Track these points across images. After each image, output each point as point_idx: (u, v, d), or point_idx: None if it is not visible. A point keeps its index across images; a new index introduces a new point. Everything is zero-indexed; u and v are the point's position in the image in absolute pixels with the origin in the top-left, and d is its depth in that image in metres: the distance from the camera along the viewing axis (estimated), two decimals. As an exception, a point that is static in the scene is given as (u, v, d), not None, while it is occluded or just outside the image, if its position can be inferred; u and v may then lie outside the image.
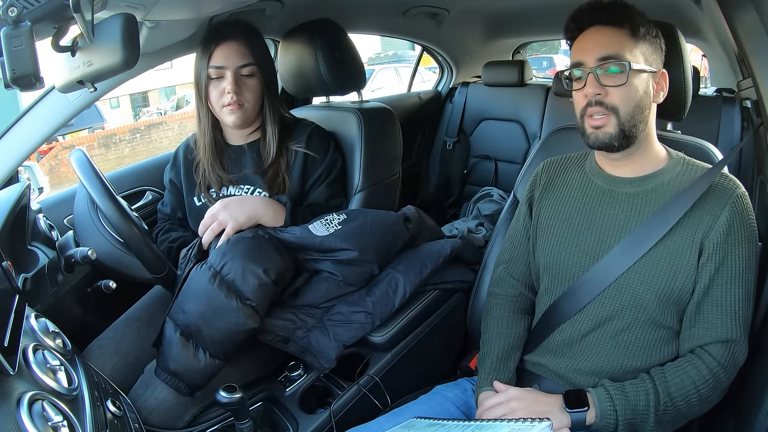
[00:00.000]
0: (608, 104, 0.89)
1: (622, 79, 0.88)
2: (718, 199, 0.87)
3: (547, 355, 0.98)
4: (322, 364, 1.11)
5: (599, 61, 0.88)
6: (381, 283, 1.19)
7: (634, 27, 0.89)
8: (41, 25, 0.73)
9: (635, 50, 0.89)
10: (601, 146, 0.91)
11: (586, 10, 0.92)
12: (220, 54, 1.22)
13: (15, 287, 0.81)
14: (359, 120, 1.39)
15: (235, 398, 0.92)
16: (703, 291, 0.87)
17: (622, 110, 0.89)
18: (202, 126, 1.30)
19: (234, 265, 1.04)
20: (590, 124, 0.91)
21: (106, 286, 1.16)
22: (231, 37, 1.23)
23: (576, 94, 0.93)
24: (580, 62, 0.91)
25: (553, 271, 0.99)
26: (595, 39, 0.91)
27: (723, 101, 1.78)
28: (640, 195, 0.93)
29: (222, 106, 1.24)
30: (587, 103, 0.90)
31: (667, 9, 1.67)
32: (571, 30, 0.95)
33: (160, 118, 11.93)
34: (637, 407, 0.84)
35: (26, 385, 0.67)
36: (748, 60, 0.93)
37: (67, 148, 8.33)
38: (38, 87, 0.71)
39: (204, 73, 1.23)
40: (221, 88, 1.23)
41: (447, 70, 2.66)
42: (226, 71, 1.22)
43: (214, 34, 1.24)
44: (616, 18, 0.89)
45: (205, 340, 1.04)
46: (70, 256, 1.08)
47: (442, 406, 1.00)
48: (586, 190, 0.99)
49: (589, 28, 0.92)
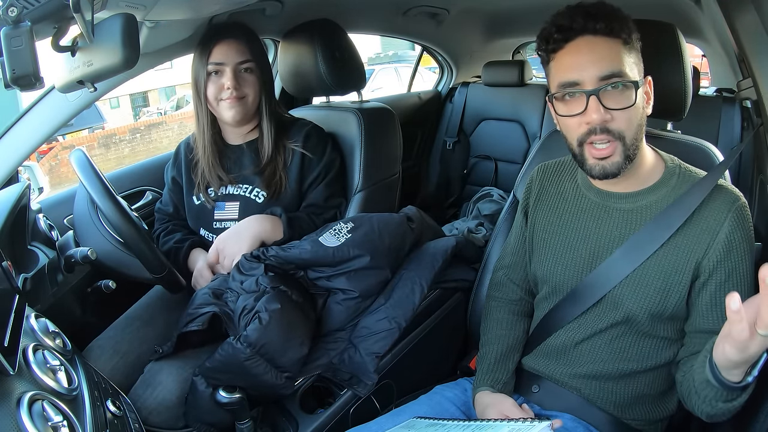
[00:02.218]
0: (615, 131, 0.79)
1: (629, 100, 0.78)
2: (716, 216, 0.82)
3: (544, 359, 0.98)
4: (366, 383, 1.08)
5: (601, 81, 0.78)
6: (397, 286, 1.17)
7: (628, 37, 0.80)
8: (41, 25, 0.73)
9: (630, 61, 0.80)
10: (607, 177, 0.82)
11: (578, 16, 0.79)
12: (219, 51, 1.23)
13: (15, 287, 0.81)
14: (359, 120, 1.39)
15: (235, 398, 0.92)
16: (709, 306, 0.83)
17: (628, 135, 0.79)
18: (201, 125, 1.30)
19: (272, 347, 0.99)
20: (593, 154, 0.81)
21: (106, 286, 1.16)
22: (230, 36, 1.24)
23: (572, 120, 0.81)
24: (574, 81, 0.79)
25: (550, 283, 0.98)
26: (591, 53, 0.78)
27: (723, 101, 1.78)
28: (635, 211, 0.89)
29: (220, 101, 1.24)
30: (589, 130, 0.80)
31: (667, 9, 1.68)
32: (555, 41, 0.81)
33: (160, 118, 11.93)
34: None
35: (26, 385, 0.67)
36: (748, 60, 0.93)
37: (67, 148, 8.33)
38: (38, 87, 0.71)
39: (203, 72, 1.24)
40: (220, 83, 1.24)
41: (447, 70, 2.66)
42: (225, 67, 1.23)
43: (214, 33, 1.25)
44: (615, 27, 0.78)
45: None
46: (70, 256, 1.08)
47: (442, 406, 1.00)
48: (579, 203, 0.96)
49: (577, 38, 0.79)
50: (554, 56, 0.83)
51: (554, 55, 0.83)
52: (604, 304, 0.90)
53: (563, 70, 0.81)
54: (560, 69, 0.82)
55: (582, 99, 0.79)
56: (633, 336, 0.90)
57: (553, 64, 0.83)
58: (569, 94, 0.81)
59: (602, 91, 0.78)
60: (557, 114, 0.85)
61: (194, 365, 1.12)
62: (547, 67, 0.85)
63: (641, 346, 0.89)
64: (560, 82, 0.82)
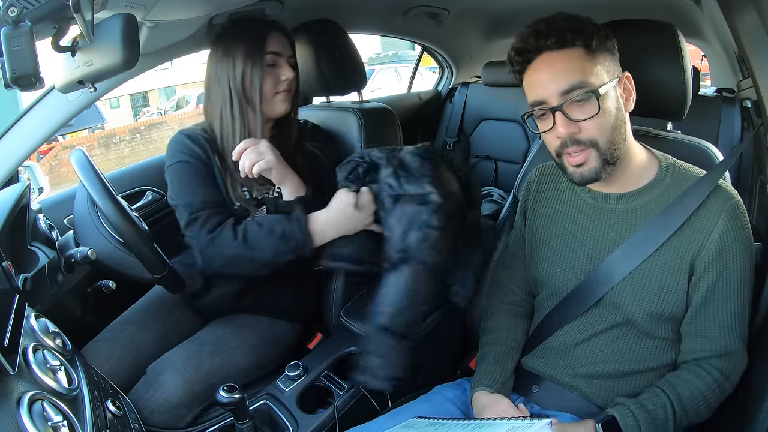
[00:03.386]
0: (585, 140, 0.81)
1: (594, 109, 0.79)
2: (709, 215, 0.83)
3: (544, 359, 0.98)
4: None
5: (563, 96, 0.80)
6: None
7: (588, 41, 0.80)
8: (41, 25, 0.73)
9: (595, 67, 0.80)
10: (588, 182, 0.85)
11: (530, 38, 0.81)
12: (274, 42, 1.18)
13: (15, 287, 0.81)
14: (359, 120, 1.39)
15: (235, 398, 0.92)
16: (699, 306, 0.85)
17: (601, 141, 0.82)
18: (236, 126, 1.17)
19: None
20: (570, 162, 0.84)
21: (106, 286, 1.16)
22: (276, 28, 1.20)
23: (546, 135, 0.85)
24: (540, 101, 0.82)
25: (549, 285, 0.99)
26: (549, 69, 0.81)
27: (723, 101, 1.77)
28: (630, 211, 0.90)
29: (276, 94, 1.18)
30: (562, 143, 0.83)
31: (667, 9, 1.67)
32: (518, 62, 0.85)
33: (160, 118, 11.95)
34: (656, 420, 0.82)
35: (26, 385, 0.67)
36: (748, 60, 0.93)
37: (67, 148, 8.34)
38: (38, 87, 0.71)
39: (258, 66, 1.15)
40: (275, 75, 1.17)
41: (447, 70, 2.66)
42: (281, 59, 1.18)
43: (260, 26, 1.19)
44: (568, 39, 0.80)
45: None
46: (70, 256, 1.08)
47: (442, 406, 1.00)
48: (576, 205, 0.96)
49: (537, 57, 0.82)
50: (522, 77, 0.87)
51: (521, 77, 0.87)
52: (603, 305, 0.91)
53: (530, 89, 0.85)
54: (528, 89, 0.85)
55: (550, 115, 0.82)
56: (633, 337, 0.90)
57: (524, 84, 0.87)
58: (539, 112, 0.84)
59: (566, 105, 0.80)
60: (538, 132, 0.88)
61: (196, 366, 1.12)
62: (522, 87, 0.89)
63: (642, 347, 0.90)
64: (530, 102, 0.85)
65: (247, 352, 1.20)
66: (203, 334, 1.22)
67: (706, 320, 0.85)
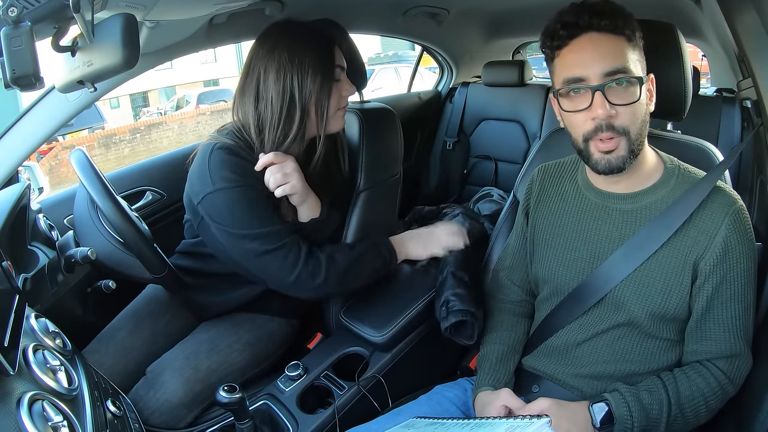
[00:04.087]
0: (619, 127, 0.80)
1: (634, 96, 0.79)
2: (713, 218, 0.83)
3: (545, 359, 0.98)
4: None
5: (605, 77, 0.79)
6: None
7: (632, 34, 0.81)
8: (41, 25, 0.73)
9: (633, 58, 0.81)
10: (613, 171, 0.83)
11: (583, 14, 0.80)
12: (338, 52, 1.12)
13: (15, 287, 0.81)
14: (360, 120, 1.39)
15: (235, 398, 0.92)
16: (704, 309, 0.85)
17: (633, 130, 0.81)
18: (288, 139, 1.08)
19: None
20: (599, 148, 0.82)
21: (106, 286, 1.16)
22: (344, 39, 1.16)
23: (577, 116, 0.83)
24: (579, 77, 0.80)
25: (551, 283, 0.98)
26: (596, 49, 0.79)
27: (723, 101, 1.77)
28: (634, 212, 0.89)
29: (338, 110, 1.12)
30: (596, 127, 0.81)
31: (667, 9, 1.67)
32: (560, 37, 0.82)
33: (160, 118, 11.92)
34: (650, 415, 0.82)
35: (26, 385, 0.67)
36: (748, 60, 0.93)
37: (67, 148, 8.34)
38: (38, 87, 0.71)
39: (328, 80, 1.07)
40: (339, 90, 1.11)
41: (447, 70, 2.65)
42: (343, 73, 1.12)
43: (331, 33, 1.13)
44: (619, 24, 0.79)
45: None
46: (70, 256, 1.08)
47: (442, 406, 1.00)
48: (579, 204, 0.96)
49: (582, 35, 0.80)
50: (559, 53, 0.84)
51: (559, 52, 0.84)
52: (605, 304, 0.91)
53: (568, 66, 0.82)
54: (565, 65, 0.83)
55: (587, 95, 0.81)
56: (635, 337, 0.90)
57: (557, 60, 0.84)
58: (574, 90, 0.82)
59: (607, 87, 0.79)
60: (562, 110, 0.86)
61: (194, 366, 1.12)
62: (551, 64, 0.86)
63: (644, 347, 0.89)
64: (565, 78, 0.82)
65: (243, 349, 1.20)
66: (198, 333, 1.22)
67: (710, 323, 0.84)
